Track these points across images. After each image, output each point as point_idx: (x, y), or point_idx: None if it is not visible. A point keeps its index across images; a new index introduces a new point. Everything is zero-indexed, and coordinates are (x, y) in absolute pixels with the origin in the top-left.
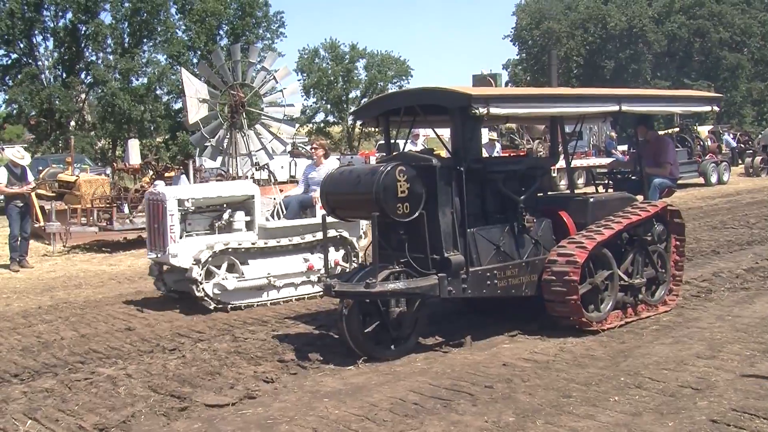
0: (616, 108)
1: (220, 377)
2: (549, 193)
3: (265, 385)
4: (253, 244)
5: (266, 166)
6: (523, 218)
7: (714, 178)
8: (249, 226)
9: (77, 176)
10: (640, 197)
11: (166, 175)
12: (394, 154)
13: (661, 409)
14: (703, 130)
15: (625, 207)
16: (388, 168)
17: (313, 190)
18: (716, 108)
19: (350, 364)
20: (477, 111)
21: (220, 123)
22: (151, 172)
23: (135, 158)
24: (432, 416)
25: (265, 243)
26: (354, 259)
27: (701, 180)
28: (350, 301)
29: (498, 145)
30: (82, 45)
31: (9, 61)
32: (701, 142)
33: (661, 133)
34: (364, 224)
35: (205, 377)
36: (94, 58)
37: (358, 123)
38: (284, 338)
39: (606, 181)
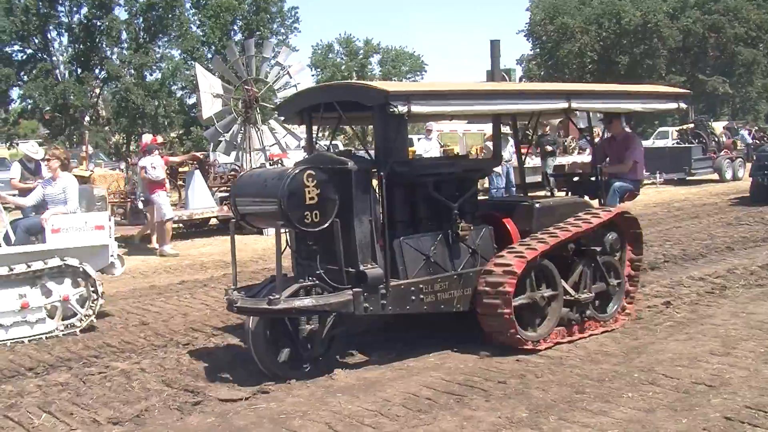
0: (565, 105)
1: (234, 372)
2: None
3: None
4: None
5: (280, 161)
6: (457, 226)
7: (729, 174)
8: None
9: (92, 171)
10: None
11: (180, 170)
12: (313, 154)
13: (675, 405)
14: (718, 126)
15: (576, 213)
16: (296, 172)
17: (48, 208)
18: (683, 105)
19: (363, 359)
20: (396, 109)
21: (234, 118)
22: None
23: None
24: (445, 411)
25: None
26: (94, 295)
27: (716, 176)
28: (257, 318)
29: (511, 141)
30: (97, 40)
31: (24, 57)
32: (716, 138)
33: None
34: (115, 251)
35: (218, 372)
36: (108, 53)
37: (281, 119)
38: None
39: (547, 183)
